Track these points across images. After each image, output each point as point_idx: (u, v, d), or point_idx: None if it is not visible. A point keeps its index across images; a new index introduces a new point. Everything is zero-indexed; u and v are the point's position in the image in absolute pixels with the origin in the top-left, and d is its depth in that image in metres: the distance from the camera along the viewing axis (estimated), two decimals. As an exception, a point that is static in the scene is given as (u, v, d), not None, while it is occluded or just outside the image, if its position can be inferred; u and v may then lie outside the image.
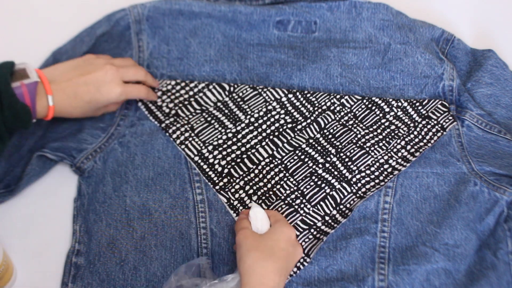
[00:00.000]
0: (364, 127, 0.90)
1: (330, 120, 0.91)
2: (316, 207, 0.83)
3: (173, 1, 0.95)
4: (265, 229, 0.78)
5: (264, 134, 0.89)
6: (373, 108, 0.92)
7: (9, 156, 0.85)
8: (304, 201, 0.84)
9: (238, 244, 0.74)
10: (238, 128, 0.90)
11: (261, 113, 0.91)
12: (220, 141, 0.88)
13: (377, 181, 0.85)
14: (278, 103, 0.92)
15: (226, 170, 0.86)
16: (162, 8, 0.95)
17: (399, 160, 0.87)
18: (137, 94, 0.87)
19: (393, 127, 0.90)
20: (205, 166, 0.86)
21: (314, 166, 0.86)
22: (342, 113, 0.91)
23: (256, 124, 0.90)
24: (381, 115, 0.91)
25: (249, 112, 0.91)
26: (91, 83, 0.81)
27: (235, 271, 0.75)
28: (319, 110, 0.91)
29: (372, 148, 0.88)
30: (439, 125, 0.89)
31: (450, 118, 0.90)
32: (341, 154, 0.87)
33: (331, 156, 0.87)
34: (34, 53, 0.92)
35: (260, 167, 0.87)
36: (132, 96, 0.87)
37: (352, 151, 0.88)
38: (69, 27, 0.95)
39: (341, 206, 0.84)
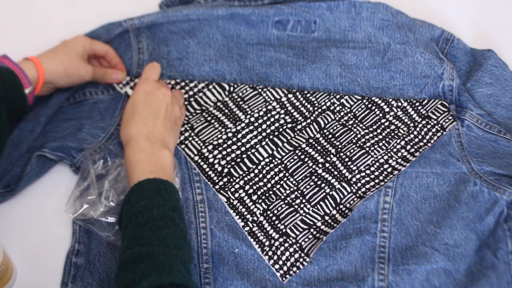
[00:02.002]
0: (364, 127, 0.90)
1: (330, 120, 0.91)
2: (316, 207, 0.83)
3: (170, 15, 0.95)
4: None
5: (264, 134, 0.89)
6: (373, 108, 0.92)
7: (8, 153, 0.85)
8: (304, 201, 0.84)
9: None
10: (238, 127, 0.90)
11: (261, 113, 0.91)
12: (220, 141, 0.88)
13: (377, 181, 0.85)
14: (278, 103, 0.92)
15: (226, 170, 0.86)
16: (160, 22, 0.95)
17: (399, 160, 0.87)
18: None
19: (393, 127, 0.90)
20: (205, 166, 0.86)
21: (314, 166, 0.86)
22: (342, 113, 0.91)
23: (256, 124, 0.90)
24: (381, 115, 0.91)
25: (249, 112, 0.91)
26: (63, 42, 0.89)
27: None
28: (319, 110, 0.91)
29: (372, 148, 0.88)
30: (439, 125, 0.89)
31: (450, 118, 0.89)
32: (341, 154, 0.87)
33: (331, 156, 0.87)
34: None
35: (260, 166, 0.87)
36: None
37: (352, 151, 0.88)
38: (69, 28, 0.95)
39: (341, 206, 0.83)
